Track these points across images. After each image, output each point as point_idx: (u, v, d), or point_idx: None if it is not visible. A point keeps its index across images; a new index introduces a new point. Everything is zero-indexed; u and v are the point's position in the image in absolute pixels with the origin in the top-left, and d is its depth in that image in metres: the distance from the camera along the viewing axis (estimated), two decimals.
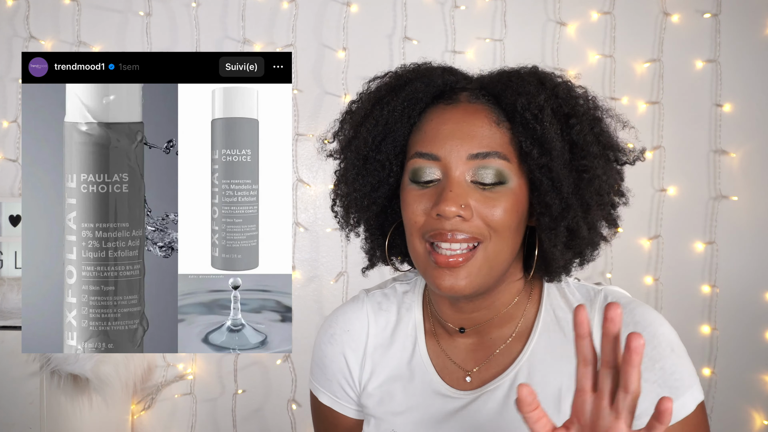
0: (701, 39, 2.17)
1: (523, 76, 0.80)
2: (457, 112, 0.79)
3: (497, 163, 0.76)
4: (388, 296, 0.93)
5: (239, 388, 2.13)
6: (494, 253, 0.77)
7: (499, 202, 0.76)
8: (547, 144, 0.76)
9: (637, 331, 0.75)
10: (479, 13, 2.17)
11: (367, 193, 0.85)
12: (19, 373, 1.70)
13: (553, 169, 0.76)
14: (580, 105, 0.79)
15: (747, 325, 2.15)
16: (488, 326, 0.84)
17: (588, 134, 0.77)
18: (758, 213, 2.17)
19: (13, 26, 2.15)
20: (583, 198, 0.77)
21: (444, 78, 0.83)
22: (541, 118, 0.76)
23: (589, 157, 0.77)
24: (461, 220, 0.75)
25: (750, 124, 2.17)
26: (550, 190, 0.77)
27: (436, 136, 0.79)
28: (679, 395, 0.76)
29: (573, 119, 0.77)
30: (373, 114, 0.83)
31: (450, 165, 0.77)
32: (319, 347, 0.95)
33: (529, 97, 0.77)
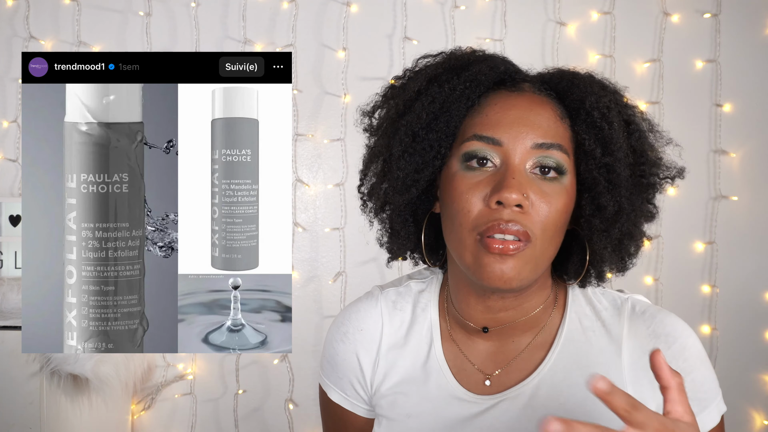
0: (701, 39, 2.17)
1: (584, 77, 0.80)
2: (523, 100, 0.77)
3: (559, 155, 0.75)
4: (402, 295, 0.89)
5: (240, 389, 2.13)
6: (541, 251, 0.75)
7: (554, 198, 0.74)
8: (613, 144, 0.75)
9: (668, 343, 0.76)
10: (479, 13, 2.17)
11: (410, 173, 0.80)
12: (19, 373, 1.70)
13: (616, 170, 0.75)
14: (636, 115, 0.80)
15: (747, 325, 2.15)
16: (512, 329, 0.82)
17: (645, 142, 0.78)
18: (758, 213, 2.17)
19: (13, 26, 2.15)
20: (634, 203, 0.77)
21: (507, 66, 0.81)
22: (610, 119, 0.75)
23: (648, 164, 0.77)
24: (519, 211, 0.73)
25: (750, 124, 2.17)
26: (606, 191, 0.76)
27: (500, 121, 0.76)
28: (705, 406, 0.76)
29: (633, 125, 0.78)
30: (430, 91, 0.80)
31: (513, 152, 0.74)
32: (331, 344, 0.91)
33: (597, 96, 0.76)
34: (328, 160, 2.17)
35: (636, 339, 0.78)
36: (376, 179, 0.84)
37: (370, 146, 0.86)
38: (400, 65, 2.12)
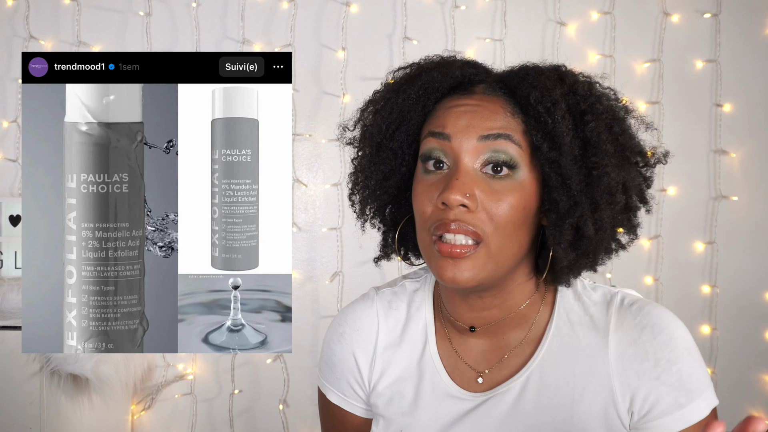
0: (701, 39, 2.17)
1: (542, 71, 0.79)
2: (472, 100, 0.79)
3: (509, 146, 0.75)
4: (397, 294, 0.91)
5: (238, 388, 2.13)
6: (497, 249, 0.75)
7: (505, 196, 0.75)
8: (558, 138, 0.74)
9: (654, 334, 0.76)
10: (479, 13, 2.17)
11: (379, 182, 0.85)
12: (19, 373, 1.70)
13: (562, 165, 0.75)
14: (600, 103, 0.78)
15: (747, 325, 2.15)
16: (500, 327, 0.83)
17: (603, 132, 0.76)
18: (758, 213, 2.17)
19: (13, 26, 2.15)
20: (592, 196, 0.76)
21: (463, 70, 0.82)
22: (553, 112, 0.75)
23: (600, 155, 0.75)
24: (465, 211, 0.74)
25: (750, 124, 2.17)
26: (558, 186, 0.75)
27: (448, 117, 0.78)
28: (694, 398, 0.76)
29: (588, 116, 0.76)
30: (389, 102, 0.83)
31: (460, 148, 0.76)
32: (329, 345, 0.93)
33: (543, 90, 0.76)
34: (326, 160, 2.17)
35: (622, 331, 0.79)
36: (357, 188, 0.88)
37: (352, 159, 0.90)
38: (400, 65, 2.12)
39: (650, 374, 0.76)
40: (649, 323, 0.78)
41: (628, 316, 0.80)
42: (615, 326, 0.79)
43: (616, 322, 0.79)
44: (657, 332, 0.77)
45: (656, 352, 0.76)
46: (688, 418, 0.75)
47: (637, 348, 0.77)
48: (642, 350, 0.77)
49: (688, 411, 0.75)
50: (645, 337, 0.77)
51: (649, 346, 0.77)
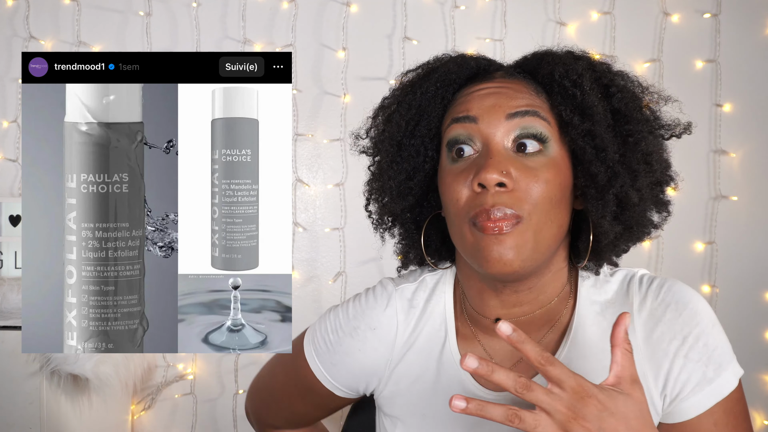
0: (701, 39, 2.17)
1: (557, 53, 0.80)
2: (494, 83, 0.78)
3: (538, 122, 0.74)
4: (418, 291, 0.88)
5: (239, 388, 2.13)
6: (538, 227, 0.73)
7: (540, 172, 0.73)
8: (589, 109, 0.73)
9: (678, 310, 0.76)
10: (479, 13, 2.17)
11: (402, 182, 0.82)
12: (19, 373, 1.69)
13: (597, 134, 0.73)
14: (621, 78, 0.78)
15: (747, 325, 2.15)
16: (528, 323, 0.81)
17: (630, 102, 0.76)
18: (758, 213, 2.17)
19: (13, 26, 2.15)
20: (630, 165, 0.75)
21: (478, 62, 0.81)
22: (581, 83, 0.74)
23: (633, 122, 0.75)
24: (504, 191, 0.72)
25: (750, 124, 2.17)
26: (594, 158, 0.74)
27: (471, 100, 0.76)
28: (722, 370, 0.75)
29: (613, 88, 0.76)
30: (406, 100, 0.81)
31: (489, 129, 0.74)
32: (336, 331, 0.90)
33: (566, 65, 0.75)
34: (327, 160, 2.17)
35: (647, 311, 0.78)
36: (377, 195, 0.86)
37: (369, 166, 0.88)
38: (400, 65, 2.12)
39: (680, 353, 0.75)
40: (672, 300, 0.77)
41: (650, 295, 0.79)
42: (638, 307, 0.78)
43: (640, 302, 0.78)
44: (681, 308, 0.76)
45: (683, 328, 0.75)
46: (719, 391, 0.74)
47: (663, 326, 0.76)
48: (669, 328, 0.76)
49: (718, 385, 0.75)
50: (670, 314, 0.76)
51: (675, 323, 0.76)
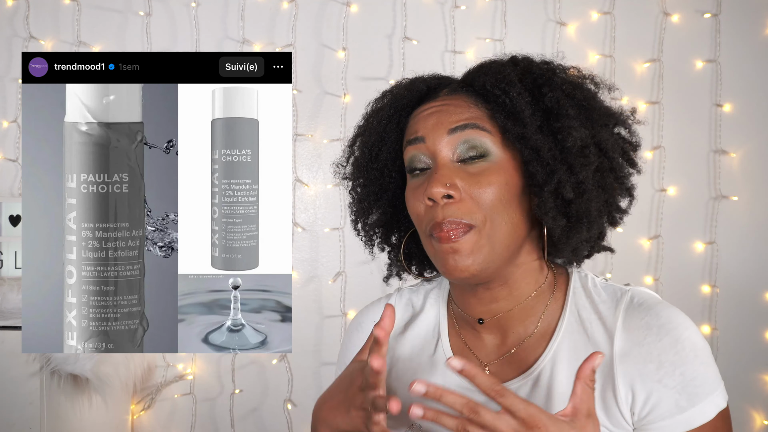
0: (701, 39, 2.17)
1: (496, 61, 0.85)
2: (437, 102, 0.83)
3: (477, 133, 0.79)
4: (416, 292, 0.96)
5: (238, 388, 2.13)
6: (491, 230, 0.78)
7: (484, 177, 0.78)
8: (518, 114, 0.78)
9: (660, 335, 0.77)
10: (479, 13, 2.17)
11: (372, 203, 0.90)
12: (19, 373, 1.69)
13: (527, 136, 0.78)
14: (556, 76, 0.81)
15: (747, 325, 2.15)
16: (509, 319, 0.84)
17: (563, 99, 0.79)
18: (758, 213, 2.17)
19: (13, 26, 2.15)
20: (566, 160, 0.78)
21: (428, 83, 0.87)
22: (509, 90, 0.79)
23: (562, 119, 0.78)
24: (452, 202, 0.77)
25: (750, 124, 2.17)
26: (531, 159, 0.78)
27: (418, 122, 0.83)
28: (697, 402, 0.75)
29: (545, 88, 0.80)
30: (368, 128, 0.89)
31: (435, 145, 0.80)
32: (348, 334, 0.98)
33: (496, 74, 0.80)
34: (327, 160, 2.17)
35: (628, 331, 0.78)
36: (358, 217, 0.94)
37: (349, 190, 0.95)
38: (400, 65, 2.12)
39: (653, 377, 0.76)
40: (655, 324, 0.77)
41: (635, 315, 0.79)
42: (621, 325, 0.79)
43: (623, 321, 0.79)
44: (663, 334, 0.77)
45: (660, 354, 0.76)
46: (690, 421, 0.75)
47: (641, 349, 0.77)
48: (646, 351, 0.77)
49: (690, 415, 0.75)
50: (650, 338, 0.77)
51: (653, 347, 0.76)
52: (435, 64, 2.10)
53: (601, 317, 0.81)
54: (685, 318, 0.79)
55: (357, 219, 0.94)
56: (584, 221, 0.80)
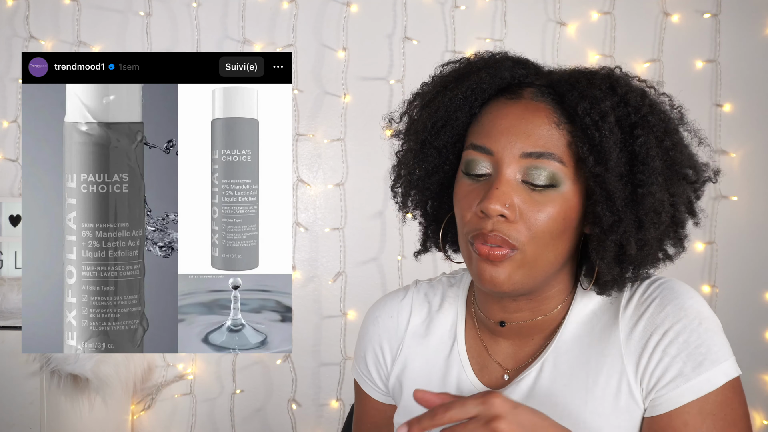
0: (701, 39, 2.17)
1: (593, 79, 0.77)
2: (518, 108, 0.77)
3: (551, 165, 0.74)
4: (434, 287, 0.93)
5: (239, 388, 2.13)
6: (533, 257, 0.75)
7: (546, 206, 0.74)
8: (605, 153, 0.73)
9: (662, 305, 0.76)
10: (479, 13, 2.17)
11: (421, 178, 0.85)
12: (19, 373, 1.70)
13: (607, 181, 0.73)
14: (652, 115, 0.76)
15: (747, 325, 2.15)
16: (530, 327, 0.83)
17: (653, 148, 0.74)
18: (758, 213, 2.17)
19: (13, 26, 2.15)
20: (637, 214, 0.74)
21: (513, 71, 0.80)
22: (601, 126, 0.73)
23: (648, 172, 0.73)
24: (503, 221, 0.74)
25: (750, 124, 2.17)
26: (602, 200, 0.74)
27: (492, 130, 0.77)
28: (704, 370, 0.72)
29: (639, 129, 0.74)
30: (437, 99, 0.82)
31: (502, 161, 0.75)
32: (364, 327, 0.96)
33: (592, 101, 0.74)
34: (328, 160, 2.17)
35: (631, 308, 0.78)
36: (399, 181, 0.88)
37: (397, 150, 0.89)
38: (400, 65, 2.12)
39: (658, 347, 0.74)
40: (659, 295, 0.77)
41: (638, 292, 0.79)
42: (625, 304, 0.79)
43: (626, 300, 0.79)
44: (666, 303, 0.76)
45: (663, 322, 0.75)
46: (697, 390, 0.72)
47: (644, 322, 0.76)
48: (649, 323, 0.76)
49: (697, 383, 0.72)
50: (652, 309, 0.76)
51: (656, 318, 0.76)
52: (435, 65, 2.10)
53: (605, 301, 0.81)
54: (689, 288, 0.78)
55: (397, 183, 0.89)
56: (636, 269, 0.78)
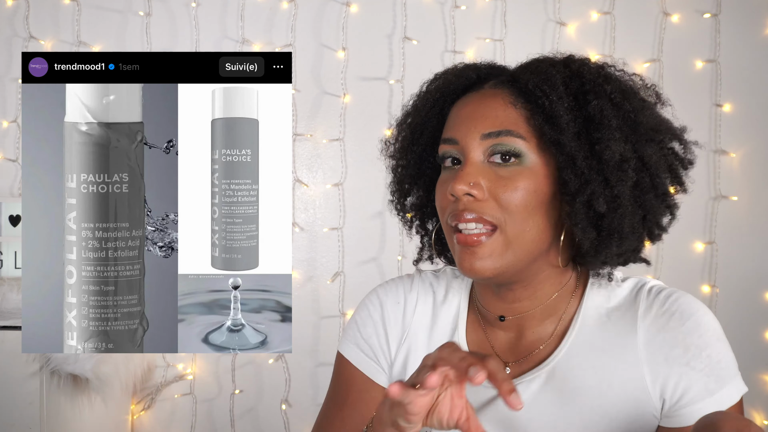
0: (701, 39, 2.17)
1: (548, 60, 0.82)
2: (477, 96, 0.81)
3: (511, 140, 0.77)
4: (438, 279, 0.94)
5: (239, 389, 2.13)
6: (514, 234, 0.76)
7: (513, 181, 0.77)
8: (555, 118, 0.76)
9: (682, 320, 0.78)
10: (479, 13, 2.17)
11: (408, 184, 0.89)
12: (19, 373, 1.70)
13: (563, 142, 0.76)
14: (608, 83, 0.79)
15: (747, 325, 2.15)
16: (529, 318, 0.84)
17: (607, 108, 0.76)
18: (758, 213, 2.17)
19: (13, 26, 2.15)
20: (602, 172, 0.76)
21: (479, 71, 0.85)
22: (549, 93, 0.76)
23: (603, 129, 0.75)
24: (473, 200, 0.77)
25: (750, 124, 2.17)
26: (565, 165, 0.76)
27: (455, 120, 0.81)
28: (724, 384, 0.76)
29: (591, 95, 0.77)
30: (414, 109, 0.88)
31: (466, 146, 0.79)
32: (366, 308, 0.93)
33: (541, 74, 0.78)
34: (327, 160, 2.17)
35: (651, 318, 0.80)
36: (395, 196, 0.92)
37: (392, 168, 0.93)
38: (400, 65, 2.12)
39: (680, 360, 0.76)
40: (677, 310, 0.78)
41: (655, 303, 0.81)
42: (643, 313, 0.80)
43: (645, 309, 0.80)
44: (685, 318, 0.78)
45: (685, 338, 0.77)
46: (720, 404, 0.75)
47: (666, 334, 0.78)
48: (671, 336, 0.77)
49: (719, 397, 0.76)
50: (673, 323, 0.78)
51: (677, 332, 0.77)
52: (435, 65, 2.10)
53: (621, 308, 0.82)
54: (702, 304, 0.80)
55: (394, 199, 0.93)
56: (615, 236, 0.79)
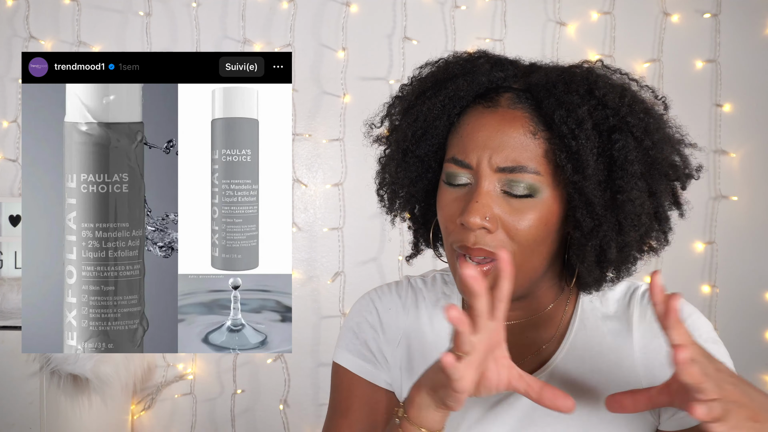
0: (701, 39, 2.17)
1: (571, 81, 0.77)
2: (494, 118, 0.77)
3: (527, 177, 0.74)
4: (427, 284, 0.92)
5: (239, 388, 2.13)
6: (519, 263, 0.75)
7: (526, 213, 0.74)
8: (582, 162, 0.73)
9: None
10: (479, 13, 2.17)
11: (406, 185, 0.85)
12: (19, 373, 1.70)
13: (586, 188, 0.73)
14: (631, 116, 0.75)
15: (747, 325, 2.15)
16: (524, 326, 0.83)
17: (632, 151, 0.73)
18: (758, 213, 2.17)
19: (13, 26, 2.15)
20: (617, 218, 0.75)
21: (490, 76, 0.80)
22: (578, 134, 0.73)
23: (627, 178, 0.73)
24: (485, 232, 0.74)
25: (750, 124, 2.17)
26: (581, 206, 0.74)
27: (469, 144, 0.77)
28: None
29: (617, 134, 0.74)
30: (415, 107, 0.82)
31: (480, 174, 0.75)
32: (359, 313, 0.91)
33: (569, 108, 0.74)
34: (327, 160, 2.17)
35: (646, 323, 0.80)
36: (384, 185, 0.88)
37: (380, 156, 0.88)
38: (400, 65, 2.12)
39: None
40: None
41: (649, 308, 0.81)
42: (638, 319, 0.80)
43: (639, 315, 0.81)
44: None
45: None
46: None
47: (661, 339, 0.78)
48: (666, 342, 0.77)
49: None
50: None
51: None
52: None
53: (616, 312, 0.83)
54: (696, 309, 0.81)
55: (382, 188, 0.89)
56: (615, 272, 0.80)
